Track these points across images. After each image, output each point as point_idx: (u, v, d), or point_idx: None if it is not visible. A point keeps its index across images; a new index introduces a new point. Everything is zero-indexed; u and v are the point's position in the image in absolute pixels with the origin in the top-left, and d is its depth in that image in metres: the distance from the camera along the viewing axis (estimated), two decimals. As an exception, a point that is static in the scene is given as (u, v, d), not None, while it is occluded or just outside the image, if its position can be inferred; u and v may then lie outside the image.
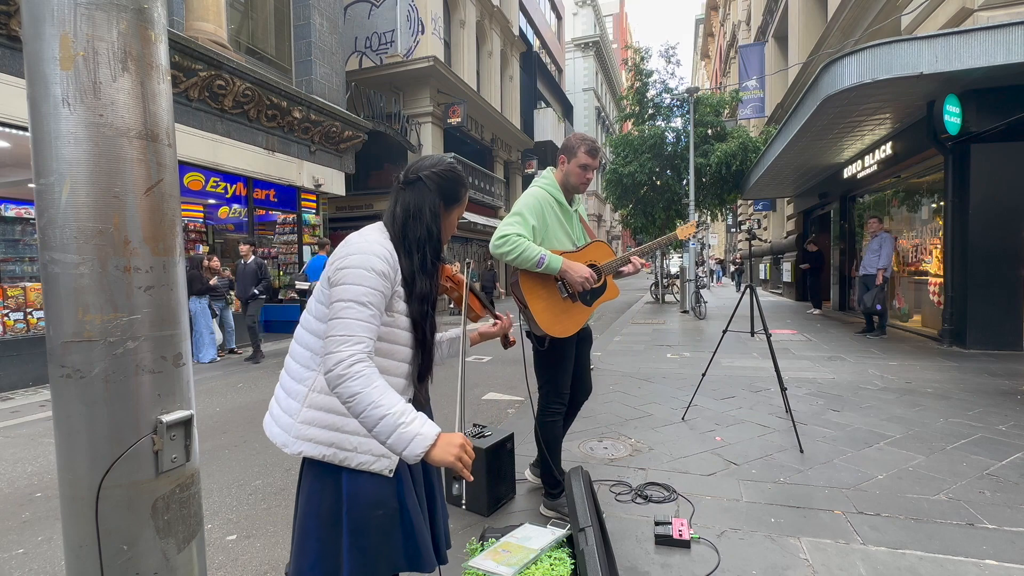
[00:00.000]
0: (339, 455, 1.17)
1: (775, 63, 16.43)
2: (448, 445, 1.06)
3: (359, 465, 1.17)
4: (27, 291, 5.92)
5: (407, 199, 1.26)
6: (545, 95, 25.21)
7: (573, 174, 2.33)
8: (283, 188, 9.75)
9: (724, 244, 36.21)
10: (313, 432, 1.16)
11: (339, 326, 1.09)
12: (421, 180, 1.27)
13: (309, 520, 1.19)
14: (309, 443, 1.16)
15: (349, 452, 1.17)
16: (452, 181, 1.30)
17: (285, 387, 1.23)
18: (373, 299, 1.12)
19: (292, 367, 1.23)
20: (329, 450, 1.16)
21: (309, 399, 1.18)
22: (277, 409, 1.23)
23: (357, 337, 1.09)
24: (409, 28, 14.37)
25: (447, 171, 1.29)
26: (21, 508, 2.80)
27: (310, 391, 1.18)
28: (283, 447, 1.18)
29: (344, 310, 1.10)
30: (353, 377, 1.05)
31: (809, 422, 3.64)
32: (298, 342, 1.24)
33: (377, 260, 1.14)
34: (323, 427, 1.17)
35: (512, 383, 5.43)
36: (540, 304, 2.22)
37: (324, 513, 1.18)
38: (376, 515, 1.17)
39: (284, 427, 1.19)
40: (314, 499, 1.19)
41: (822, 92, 6.06)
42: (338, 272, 1.14)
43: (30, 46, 0.83)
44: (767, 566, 1.97)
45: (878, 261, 7.23)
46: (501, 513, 2.46)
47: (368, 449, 1.18)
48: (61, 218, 0.83)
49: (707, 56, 40.03)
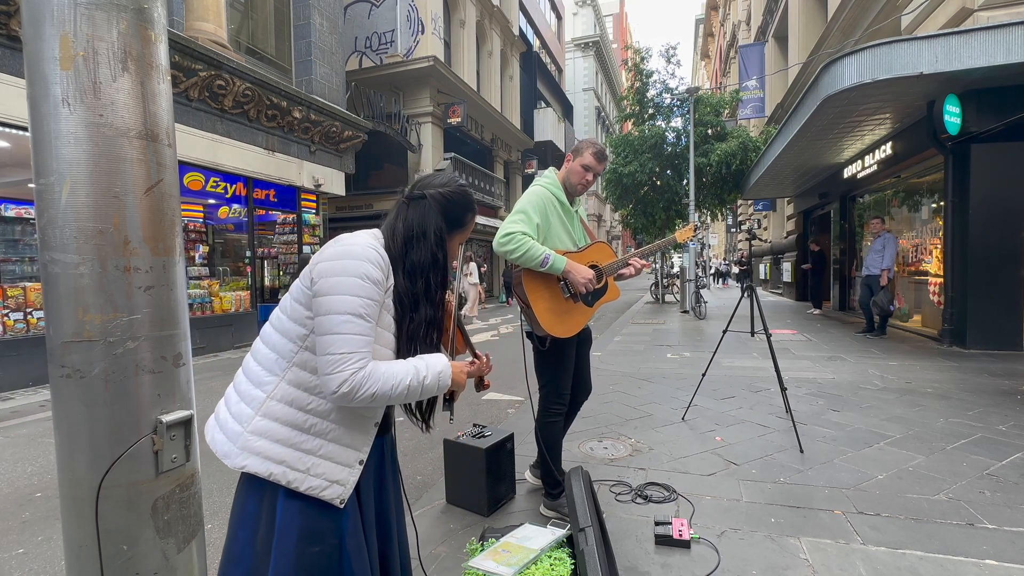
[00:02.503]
0: (288, 475, 1.03)
1: (775, 63, 16.43)
2: (460, 373, 1.21)
3: (308, 490, 1.04)
4: (27, 291, 5.92)
5: (410, 216, 1.18)
6: (545, 95, 25.21)
7: (575, 173, 2.33)
8: (283, 188, 9.74)
9: (724, 244, 36.21)
10: (262, 445, 1.04)
11: (339, 342, 1.01)
12: (426, 199, 1.19)
13: (239, 545, 1.07)
14: (256, 457, 1.03)
15: (299, 473, 1.04)
16: (459, 205, 1.23)
17: (239, 390, 1.11)
18: (370, 311, 1.05)
19: (251, 368, 1.11)
20: (278, 468, 1.03)
21: (265, 407, 1.06)
22: (225, 413, 1.10)
23: (360, 353, 1.02)
24: (409, 28, 14.37)
25: (455, 193, 1.22)
26: (21, 508, 2.80)
27: (268, 398, 1.06)
28: (223, 458, 1.04)
29: (343, 324, 1.01)
30: (363, 386, 1.01)
31: (809, 422, 3.64)
32: (264, 342, 1.12)
33: (372, 267, 1.06)
34: (275, 441, 1.04)
35: (512, 383, 5.42)
36: (543, 304, 2.22)
37: (259, 541, 1.06)
38: (310, 551, 1.03)
39: (230, 435, 1.06)
40: (248, 522, 1.07)
41: (822, 92, 6.06)
42: (329, 279, 1.04)
43: (30, 46, 0.83)
44: (767, 566, 1.97)
45: (881, 261, 7.23)
46: (501, 513, 2.46)
47: (321, 473, 1.06)
48: (61, 218, 0.83)
49: (707, 56, 40.03)
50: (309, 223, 10.36)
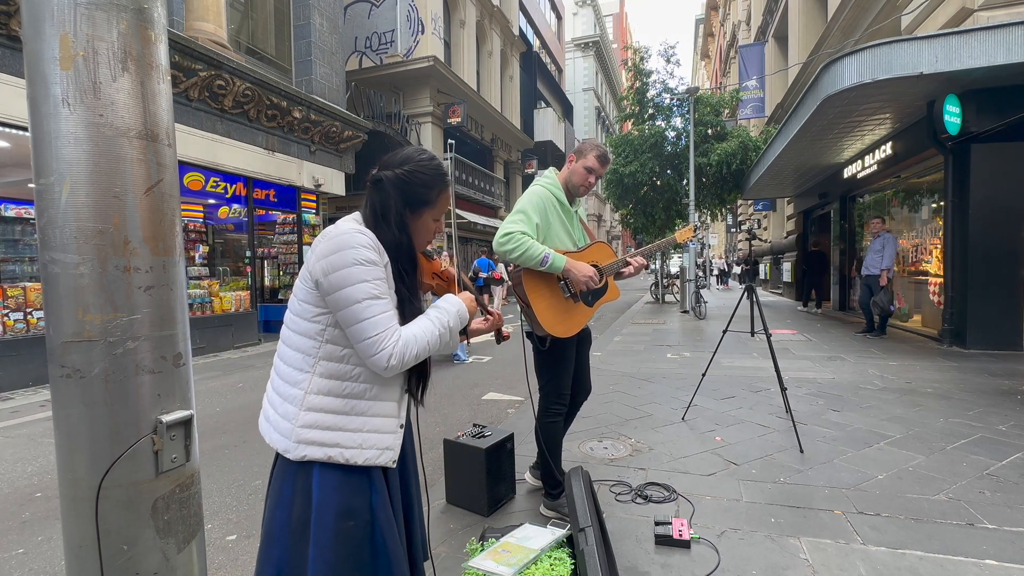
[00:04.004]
0: (344, 454, 1.13)
1: (775, 63, 16.43)
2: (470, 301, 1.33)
3: (366, 461, 1.15)
4: (27, 291, 5.92)
5: (374, 199, 1.19)
6: (545, 95, 25.21)
7: (577, 174, 2.34)
8: (283, 188, 9.74)
9: (724, 244, 36.21)
10: (314, 435, 1.13)
11: (368, 327, 1.09)
12: (383, 181, 1.19)
13: (276, 525, 1.14)
14: (312, 447, 1.12)
15: (354, 450, 1.14)
16: (420, 184, 1.20)
17: (278, 391, 1.19)
18: (381, 287, 1.12)
19: (282, 370, 1.19)
20: (334, 450, 1.13)
21: (307, 402, 1.14)
22: (273, 413, 1.18)
23: (391, 328, 1.11)
24: (409, 28, 14.37)
25: (413, 172, 1.20)
26: (21, 508, 2.80)
27: (306, 393, 1.14)
28: (285, 453, 1.14)
29: (364, 310, 1.09)
30: (407, 352, 1.12)
31: (809, 422, 3.64)
32: (286, 344, 1.19)
33: (364, 250, 1.11)
34: (324, 428, 1.13)
35: (512, 383, 5.42)
36: (543, 304, 2.22)
37: (294, 520, 1.13)
38: (346, 526, 1.12)
39: (284, 432, 1.15)
40: (284, 503, 1.15)
41: (822, 92, 6.06)
42: (332, 276, 1.09)
43: (30, 46, 0.83)
44: (767, 566, 1.97)
45: (881, 262, 7.23)
46: (501, 513, 2.46)
47: (373, 444, 1.16)
48: (61, 218, 0.83)
49: (707, 56, 40.03)
50: (309, 223, 10.36)
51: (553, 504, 2.40)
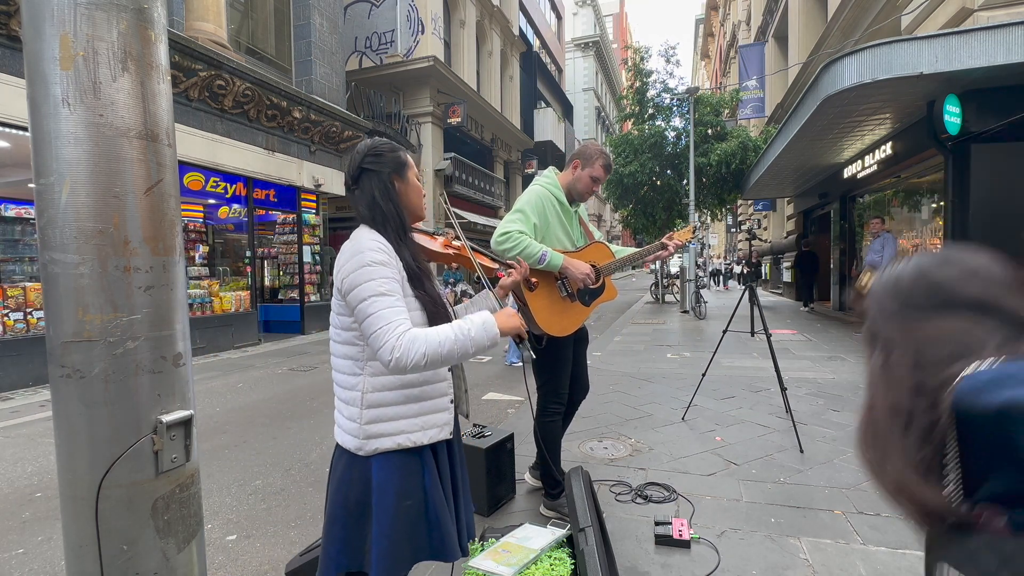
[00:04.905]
0: (411, 438, 1.24)
1: (775, 63, 16.43)
2: (507, 317, 1.29)
3: (431, 439, 1.27)
4: (27, 291, 5.91)
5: (359, 197, 1.29)
6: (545, 95, 25.20)
7: (582, 182, 2.36)
8: (283, 188, 9.74)
9: (724, 244, 36.21)
10: (379, 428, 1.23)
11: (374, 320, 1.14)
12: (365, 171, 1.29)
13: (336, 508, 1.26)
14: (380, 439, 1.23)
15: (419, 432, 1.26)
16: (387, 152, 1.31)
17: (340, 398, 1.30)
18: (388, 286, 1.17)
19: (339, 378, 1.30)
20: (401, 437, 1.24)
21: (366, 400, 1.24)
22: (341, 419, 1.30)
23: (395, 322, 1.14)
24: (409, 28, 14.36)
25: (378, 147, 1.31)
26: (21, 508, 2.80)
27: (364, 394, 1.24)
28: (357, 451, 1.24)
29: (370, 306, 1.15)
30: (411, 347, 1.12)
31: (809, 422, 3.64)
32: (335, 355, 1.31)
33: (371, 252, 1.18)
34: (387, 421, 1.24)
35: (512, 383, 5.43)
36: (539, 302, 2.22)
37: (351, 503, 1.24)
38: (404, 505, 1.23)
39: (352, 433, 1.25)
40: (343, 488, 1.26)
41: (822, 92, 6.06)
42: (346, 281, 1.18)
43: (30, 46, 0.83)
44: (767, 566, 1.97)
45: (881, 262, 7.23)
46: (501, 513, 2.46)
47: (433, 423, 1.28)
48: (61, 218, 0.83)
49: (707, 56, 40.03)
50: (309, 223, 10.36)
51: (553, 504, 2.40)
